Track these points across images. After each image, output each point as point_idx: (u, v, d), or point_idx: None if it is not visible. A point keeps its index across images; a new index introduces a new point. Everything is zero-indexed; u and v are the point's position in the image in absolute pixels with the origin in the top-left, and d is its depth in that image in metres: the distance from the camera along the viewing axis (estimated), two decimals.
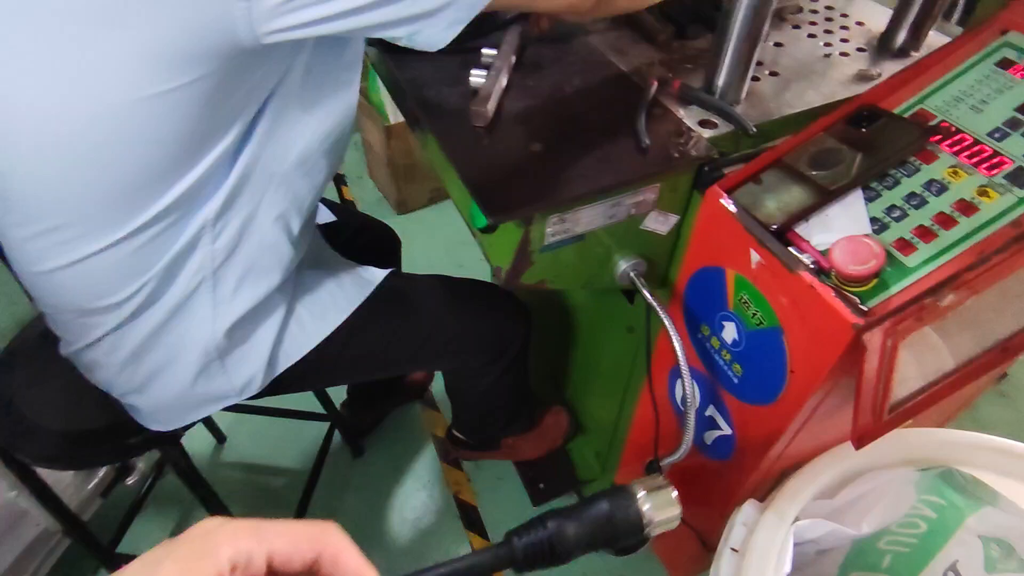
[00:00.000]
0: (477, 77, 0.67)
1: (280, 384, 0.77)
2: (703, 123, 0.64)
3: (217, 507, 0.99)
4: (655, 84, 0.67)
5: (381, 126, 1.92)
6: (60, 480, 1.03)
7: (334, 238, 0.91)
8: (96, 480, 1.13)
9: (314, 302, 0.77)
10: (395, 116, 1.90)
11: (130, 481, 1.22)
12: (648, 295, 0.66)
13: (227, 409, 0.77)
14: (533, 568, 0.33)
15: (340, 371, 0.86)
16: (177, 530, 1.26)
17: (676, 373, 0.75)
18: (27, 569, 1.01)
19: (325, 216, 0.98)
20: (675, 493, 0.37)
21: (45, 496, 0.89)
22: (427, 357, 0.90)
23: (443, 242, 1.91)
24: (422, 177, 1.97)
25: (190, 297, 0.64)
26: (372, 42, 0.82)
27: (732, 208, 0.57)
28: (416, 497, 1.32)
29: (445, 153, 0.60)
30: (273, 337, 0.74)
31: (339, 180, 2.20)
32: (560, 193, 0.57)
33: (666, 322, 0.63)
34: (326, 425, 1.32)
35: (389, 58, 0.75)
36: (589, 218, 0.61)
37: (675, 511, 0.36)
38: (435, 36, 0.54)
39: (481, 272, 1.81)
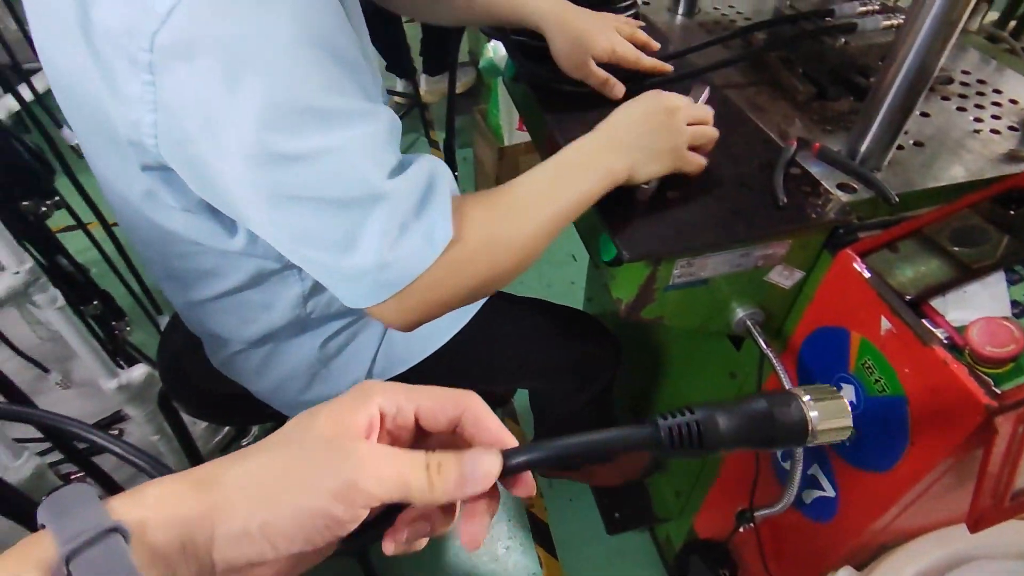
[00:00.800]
0: None
1: None
2: (841, 186, 0.66)
3: None
4: (795, 144, 0.69)
5: (495, 147, 2.03)
6: (192, 432, 1.17)
7: None
8: (220, 436, 1.27)
9: None
10: (510, 139, 2.00)
11: (244, 442, 1.36)
12: (764, 345, 0.67)
13: None
14: (676, 453, 0.31)
15: (435, 383, 0.92)
16: None
17: None
18: None
19: None
20: (846, 402, 0.34)
21: (185, 442, 1.02)
22: (517, 377, 0.95)
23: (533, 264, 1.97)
24: None
25: (291, 323, 0.73)
26: (519, 77, 0.90)
27: (866, 273, 0.58)
28: None
29: None
30: (373, 351, 0.81)
31: None
32: (693, 239, 0.60)
33: (781, 374, 0.65)
34: None
35: (535, 96, 0.82)
36: (716, 265, 0.64)
37: (846, 422, 0.33)
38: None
39: (568, 294, 1.85)
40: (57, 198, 0.94)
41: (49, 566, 0.22)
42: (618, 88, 0.76)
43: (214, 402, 0.90)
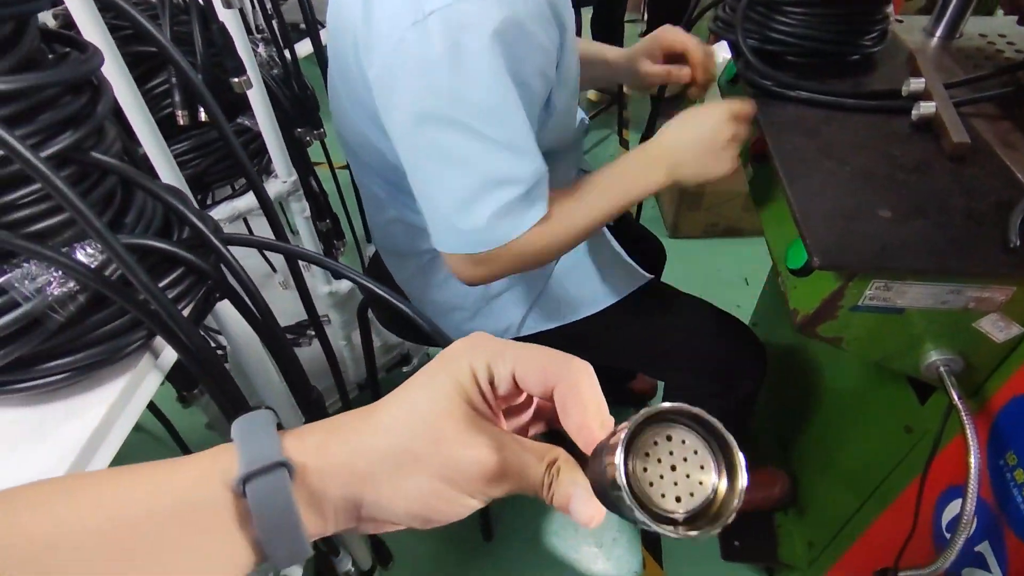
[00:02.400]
0: None
1: (532, 341, 0.92)
2: None
3: None
4: None
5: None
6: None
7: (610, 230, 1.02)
8: (390, 356, 1.46)
9: (580, 283, 0.89)
10: None
11: (405, 369, 1.54)
12: (956, 398, 0.61)
13: None
14: None
15: (584, 350, 0.96)
16: None
17: (955, 492, 0.69)
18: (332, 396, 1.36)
19: None
20: None
21: (368, 351, 1.19)
22: (659, 365, 0.97)
23: (701, 276, 1.91)
24: (704, 208, 1.99)
25: None
26: (739, 79, 0.90)
27: None
28: None
29: (789, 190, 0.65)
30: (530, 300, 0.88)
31: None
32: (897, 260, 0.57)
33: (969, 435, 0.59)
34: None
35: (755, 95, 0.81)
36: (918, 295, 0.60)
37: None
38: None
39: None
40: (323, 129, 1.15)
41: (230, 481, 0.25)
42: (682, 73, 0.90)
43: (400, 317, 1.04)
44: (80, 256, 0.45)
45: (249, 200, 1.04)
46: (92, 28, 0.61)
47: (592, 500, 0.26)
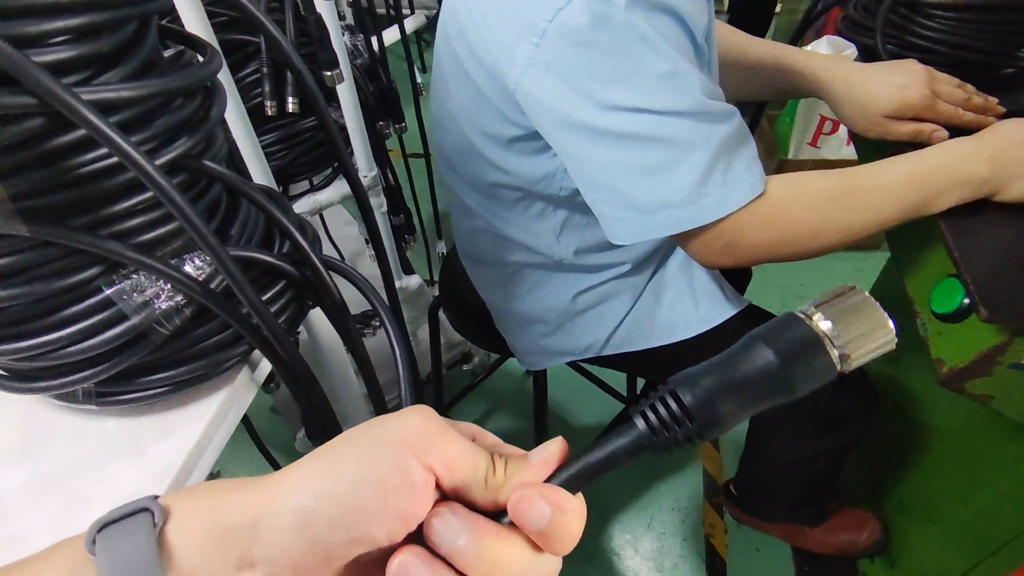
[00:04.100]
0: None
1: (613, 360, 0.86)
2: None
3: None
4: None
5: (776, 157, 1.89)
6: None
7: None
8: (451, 355, 1.43)
9: (673, 303, 0.82)
10: (795, 152, 1.84)
11: (466, 367, 1.51)
12: None
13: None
14: (671, 440, 0.25)
15: (667, 375, 0.90)
16: (483, 416, 1.52)
17: None
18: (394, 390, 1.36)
19: None
20: (870, 298, 0.25)
21: (436, 348, 1.17)
22: None
23: (779, 290, 1.80)
24: None
25: (544, 260, 0.78)
26: None
27: None
28: (668, 514, 1.33)
29: (943, 221, 0.57)
30: (619, 319, 0.82)
31: None
32: None
33: None
34: (620, 407, 1.41)
35: None
36: None
37: (878, 323, 0.24)
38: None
39: None
40: (404, 124, 1.12)
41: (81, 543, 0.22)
42: (937, 133, 0.67)
43: (471, 322, 1.01)
44: (188, 268, 0.43)
45: (330, 194, 1.02)
46: (196, 20, 0.59)
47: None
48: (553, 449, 0.25)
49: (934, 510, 0.95)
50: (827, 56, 0.76)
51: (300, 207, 0.98)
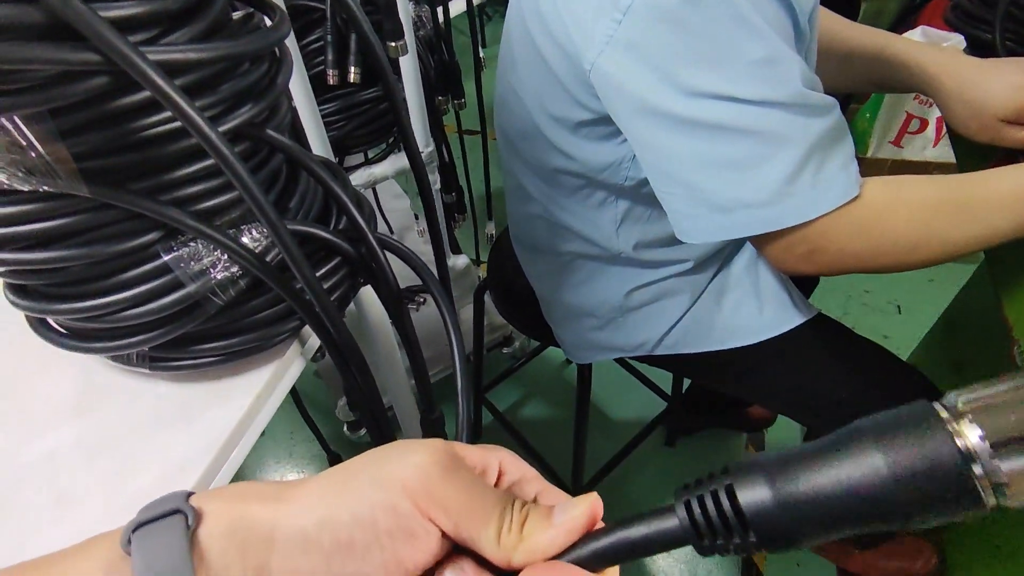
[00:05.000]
0: None
1: (662, 360, 0.83)
2: None
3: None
4: None
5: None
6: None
7: None
8: (492, 337, 1.43)
9: (737, 306, 0.77)
10: (876, 150, 1.72)
11: (506, 350, 1.50)
12: None
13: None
14: (720, 548, 0.20)
15: (723, 382, 0.86)
16: (520, 402, 1.51)
17: None
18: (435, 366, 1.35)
19: None
20: None
21: (479, 329, 1.17)
22: (815, 414, 0.83)
23: (843, 296, 1.71)
24: None
25: (601, 253, 0.75)
26: None
27: None
28: None
29: None
30: (674, 320, 0.78)
31: None
32: None
33: None
34: (662, 405, 1.37)
35: None
36: None
37: None
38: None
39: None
40: (463, 100, 1.10)
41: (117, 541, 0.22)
42: None
43: (516, 308, 0.99)
44: (245, 239, 0.42)
45: (385, 167, 1.01)
46: None
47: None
48: (581, 512, 0.22)
49: (996, 541, 0.89)
50: (938, 48, 0.68)
51: (355, 180, 0.97)
